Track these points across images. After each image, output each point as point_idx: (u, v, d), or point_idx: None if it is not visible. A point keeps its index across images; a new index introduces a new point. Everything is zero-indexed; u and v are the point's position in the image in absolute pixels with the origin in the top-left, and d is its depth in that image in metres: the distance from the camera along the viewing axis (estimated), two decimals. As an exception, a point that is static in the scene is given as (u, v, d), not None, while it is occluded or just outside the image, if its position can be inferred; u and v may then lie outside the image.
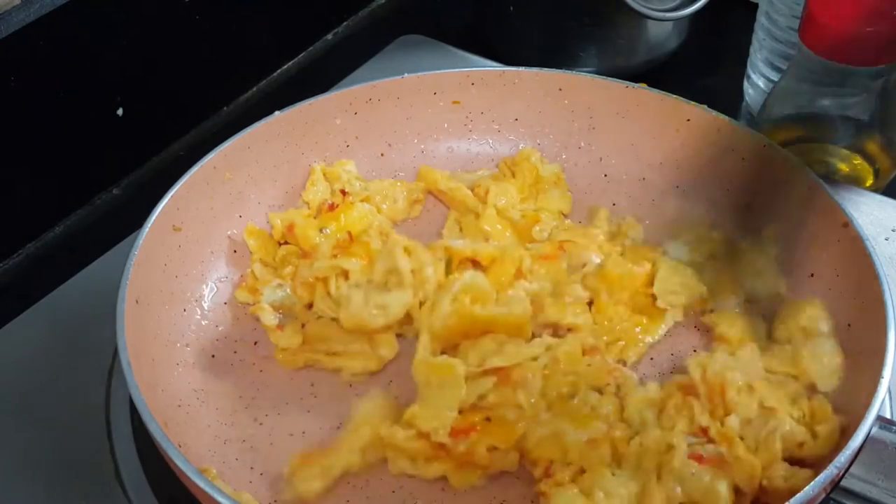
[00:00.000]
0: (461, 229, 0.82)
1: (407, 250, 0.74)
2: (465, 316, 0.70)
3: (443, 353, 0.70)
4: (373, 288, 0.73)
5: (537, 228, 0.80)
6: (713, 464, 0.62)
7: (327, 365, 0.73)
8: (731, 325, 0.72)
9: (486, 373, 0.67)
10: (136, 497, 0.68)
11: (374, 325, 0.72)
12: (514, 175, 0.84)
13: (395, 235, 0.77)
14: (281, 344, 0.74)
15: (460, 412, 0.66)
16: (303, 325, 0.75)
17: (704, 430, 0.64)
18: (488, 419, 0.66)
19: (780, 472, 0.62)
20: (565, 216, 0.83)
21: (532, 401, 0.66)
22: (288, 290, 0.76)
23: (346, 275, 0.74)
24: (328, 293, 0.74)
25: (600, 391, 0.68)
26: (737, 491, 0.62)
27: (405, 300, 0.72)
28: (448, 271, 0.75)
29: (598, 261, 0.77)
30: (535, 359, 0.68)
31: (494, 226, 0.81)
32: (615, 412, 0.67)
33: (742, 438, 0.63)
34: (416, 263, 0.73)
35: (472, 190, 0.83)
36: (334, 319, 0.74)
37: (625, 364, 0.71)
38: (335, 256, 0.75)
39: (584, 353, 0.70)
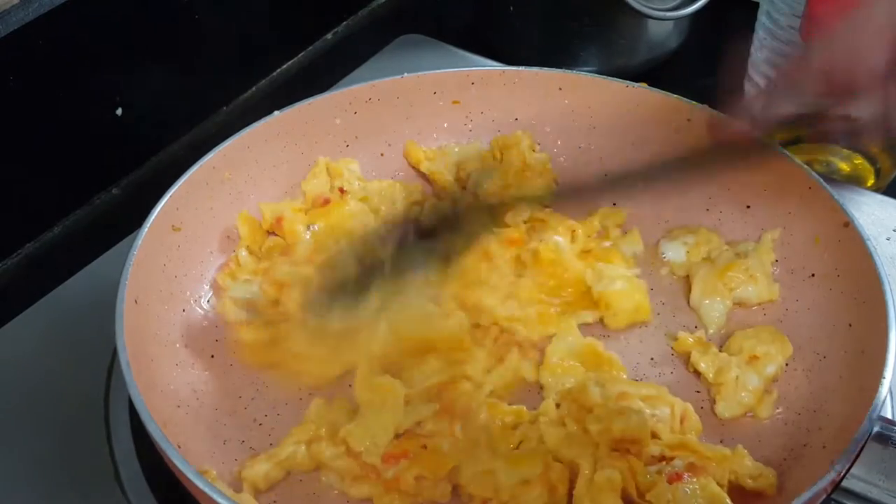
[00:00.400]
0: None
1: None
2: (402, 338, 0.69)
3: (389, 373, 0.69)
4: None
5: (510, 214, 0.80)
6: (693, 472, 0.62)
7: (290, 367, 0.72)
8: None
9: (429, 398, 0.66)
10: (134, 497, 0.68)
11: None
12: (501, 159, 0.84)
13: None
14: (245, 339, 0.73)
15: (397, 436, 0.65)
16: (268, 324, 0.74)
17: (661, 457, 0.64)
18: (424, 447, 0.65)
19: (748, 472, 0.63)
20: (546, 206, 0.82)
21: (470, 434, 0.64)
22: (257, 288, 0.75)
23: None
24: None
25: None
26: None
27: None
28: None
29: (561, 241, 0.77)
30: (468, 378, 0.67)
31: None
32: (559, 446, 0.65)
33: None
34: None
35: (458, 169, 0.84)
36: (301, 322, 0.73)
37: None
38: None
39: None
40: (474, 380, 0.68)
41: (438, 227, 0.74)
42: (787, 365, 0.71)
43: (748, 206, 0.79)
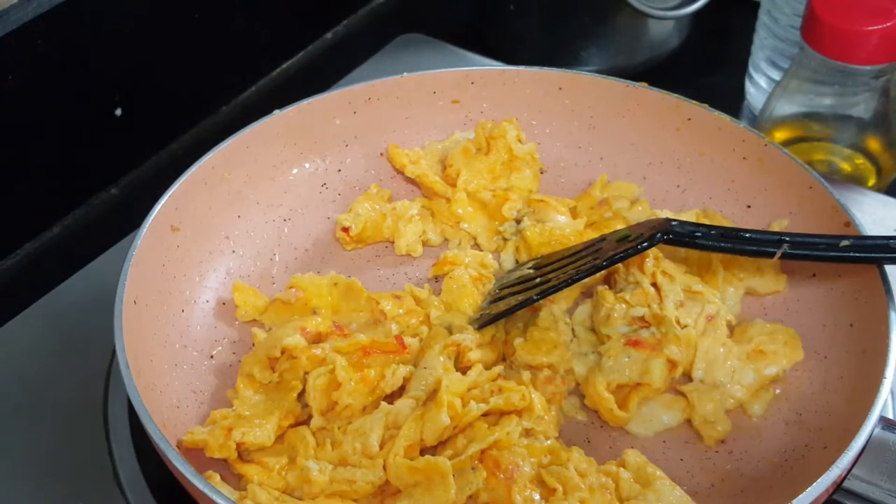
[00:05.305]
0: (433, 214, 0.82)
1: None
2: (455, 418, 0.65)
3: (423, 451, 0.65)
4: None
5: (507, 206, 0.80)
6: (649, 347, 0.67)
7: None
8: None
9: (472, 460, 0.63)
10: (133, 497, 0.68)
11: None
12: (488, 150, 0.83)
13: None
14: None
15: None
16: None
17: (641, 318, 0.70)
18: None
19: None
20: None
21: (527, 493, 0.62)
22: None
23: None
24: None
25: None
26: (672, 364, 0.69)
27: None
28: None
29: (563, 221, 0.78)
30: (509, 434, 0.64)
31: (466, 209, 0.81)
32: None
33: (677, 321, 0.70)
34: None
35: (444, 167, 0.84)
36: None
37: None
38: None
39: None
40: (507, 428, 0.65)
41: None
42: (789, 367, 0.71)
43: (749, 206, 0.79)
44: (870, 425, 0.59)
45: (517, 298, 0.71)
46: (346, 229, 0.80)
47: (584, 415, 0.70)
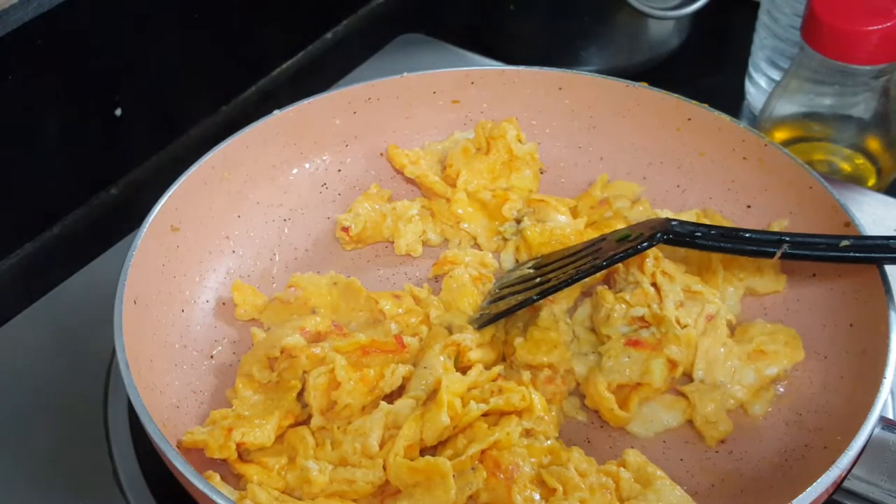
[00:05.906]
0: (433, 214, 0.83)
1: None
2: (456, 418, 0.65)
3: (423, 450, 0.65)
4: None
5: (507, 206, 0.81)
6: (649, 347, 0.68)
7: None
8: None
9: (472, 461, 0.63)
10: (133, 497, 0.68)
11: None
12: (488, 150, 0.83)
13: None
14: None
15: None
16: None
17: (641, 318, 0.70)
18: None
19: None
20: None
21: (527, 493, 0.61)
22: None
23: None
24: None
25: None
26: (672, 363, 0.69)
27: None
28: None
29: (564, 220, 0.78)
30: (509, 434, 0.64)
31: (466, 209, 0.81)
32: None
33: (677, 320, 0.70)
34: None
35: (444, 167, 0.84)
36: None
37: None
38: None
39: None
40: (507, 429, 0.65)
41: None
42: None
43: (749, 206, 0.79)
44: (870, 425, 0.59)
45: (517, 298, 0.71)
46: (346, 229, 0.80)
47: (584, 415, 0.70)
